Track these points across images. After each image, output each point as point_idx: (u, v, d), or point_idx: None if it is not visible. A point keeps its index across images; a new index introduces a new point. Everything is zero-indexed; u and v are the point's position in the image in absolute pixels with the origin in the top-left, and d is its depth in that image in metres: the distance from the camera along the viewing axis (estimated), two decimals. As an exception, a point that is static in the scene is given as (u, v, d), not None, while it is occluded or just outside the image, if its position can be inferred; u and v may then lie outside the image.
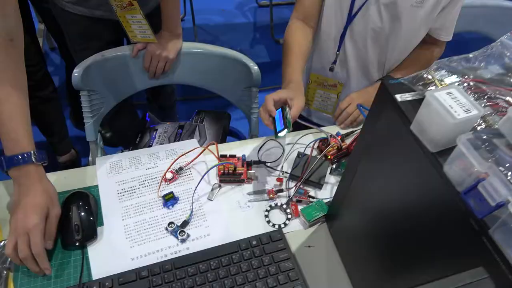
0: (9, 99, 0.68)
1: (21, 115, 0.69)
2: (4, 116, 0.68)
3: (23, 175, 0.68)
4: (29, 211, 0.66)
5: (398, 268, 0.56)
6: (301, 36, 1.00)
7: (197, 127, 1.19)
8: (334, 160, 0.89)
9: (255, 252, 0.72)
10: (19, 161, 0.67)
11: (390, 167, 0.52)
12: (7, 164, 0.68)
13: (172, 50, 1.07)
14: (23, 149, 0.68)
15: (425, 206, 0.46)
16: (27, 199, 0.67)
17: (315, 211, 0.79)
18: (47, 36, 2.33)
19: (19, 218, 0.66)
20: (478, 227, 0.37)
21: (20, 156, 0.67)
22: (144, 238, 0.74)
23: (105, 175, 0.83)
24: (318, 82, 1.14)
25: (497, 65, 0.53)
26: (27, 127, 0.70)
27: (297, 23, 1.01)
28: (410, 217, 0.50)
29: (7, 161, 0.68)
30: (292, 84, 0.89)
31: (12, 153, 0.68)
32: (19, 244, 0.64)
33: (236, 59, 1.10)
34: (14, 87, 0.69)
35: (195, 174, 0.86)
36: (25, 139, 0.69)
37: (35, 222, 0.65)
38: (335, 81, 1.12)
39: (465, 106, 0.39)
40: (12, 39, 0.68)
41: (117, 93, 1.13)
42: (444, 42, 1.03)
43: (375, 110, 0.52)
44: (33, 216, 0.66)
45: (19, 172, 0.68)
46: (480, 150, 0.36)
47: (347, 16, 0.97)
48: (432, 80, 0.46)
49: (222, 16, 2.83)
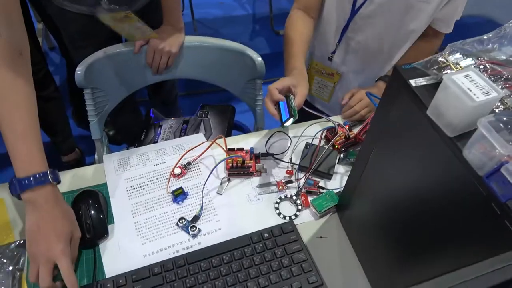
0: (23, 119, 0.64)
1: (35, 135, 0.65)
2: (17, 137, 0.63)
3: (40, 198, 0.63)
4: (53, 239, 0.61)
5: (413, 256, 0.56)
6: (302, 25, 0.99)
7: (202, 122, 1.18)
8: (342, 149, 0.89)
9: (267, 244, 0.71)
10: (35, 182, 0.62)
11: (404, 154, 0.52)
12: (21, 187, 0.62)
13: (175, 44, 1.06)
14: (38, 169, 0.63)
15: (442, 192, 0.45)
16: (48, 225, 0.62)
17: (325, 201, 0.78)
18: (46, 35, 2.32)
19: (42, 247, 0.61)
20: (501, 211, 0.36)
21: (37, 176, 0.62)
22: (155, 234, 0.74)
23: (113, 173, 0.83)
24: (316, 69, 1.14)
25: (510, 46, 0.51)
26: (40, 146, 0.65)
27: (298, 13, 1.00)
28: (426, 204, 0.49)
29: (21, 183, 0.62)
30: (295, 71, 0.88)
31: (26, 174, 0.62)
32: (41, 273, 0.60)
33: (239, 51, 1.08)
34: (27, 106, 0.65)
35: (203, 168, 0.85)
36: (39, 159, 0.64)
37: (62, 250, 0.61)
38: (332, 70, 1.11)
39: (484, 88, 0.38)
40: (21, 52, 0.65)
41: (121, 89, 1.12)
42: (443, 34, 1.01)
43: (388, 96, 0.51)
44: (58, 245, 0.61)
45: (35, 194, 0.62)
46: (502, 132, 0.35)
47: (351, 9, 0.96)
48: (447, 63, 0.45)
49: (220, 9, 2.80)
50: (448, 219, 0.45)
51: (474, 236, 0.42)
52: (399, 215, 0.57)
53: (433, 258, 0.50)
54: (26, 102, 0.65)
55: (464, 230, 0.43)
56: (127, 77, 1.11)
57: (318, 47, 1.10)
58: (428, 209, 0.49)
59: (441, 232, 0.47)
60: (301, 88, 0.82)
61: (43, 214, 0.63)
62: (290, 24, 1.00)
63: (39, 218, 0.62)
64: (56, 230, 0.62)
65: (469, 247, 0.43)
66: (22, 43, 0.66)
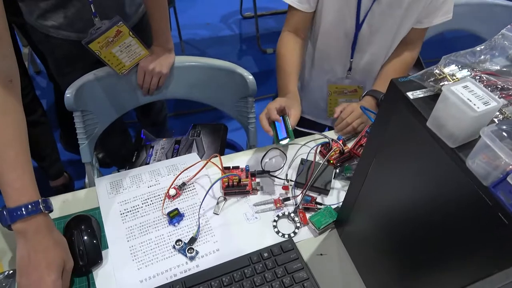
0: (14, 147, 0.62)
1: (26, 162, 0.63)
2: (8, 166, 0.61)
3: (31, 228, 0.61)
4: (44, 270, 0.59)
5: (416, 271, 0.55)
6: (293, 46, 1.03)
7: (194, 141, 1.17)
8: (337, 164, 0.89)
9: (268, 264, 0.70)
10: (27, 212, 0.60)
11: (405, 167, 0.51)
12: (12, 218, 0.60)
13: (165, 64, 1.06)
14: (29, 199, 0.61)
15: (445, 204, 0.45)
16: (39, 256, 0.60)
17: (324, 218, 0.77)
18: (32, 60, 2.30)
19: (34, 279, 0.59)
20: (508, 221, 0.36)
21: (29, 206, 0.60)
22: (151, 258, 0.71)
23: (106, 196, 0.81)
24: (338, 92, 1.15)
25: (502, 58, 0.52)
26: (31, 174, 0.63)
27: (288, 35, 1.03)
28: (429, 217, 0.49)
29: (12, 213, 0.60)
30: (290, 94, 0.94)
31: (17, 204, 0.60)
32: None
33: (229, 70, 1.09)
34: (17, 133, 0.64)
35: (198, 188, 0.83)
36: (31, 187, 0.62)
37: (53, 281, 0.59)
38: (354, 86, 1.13)
39: (483, 98, 0.39)
40: (11, 80, 0.64)
41: (111, 111, 1.11)
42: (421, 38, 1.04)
43: (385, 110, 0.51)
44: (50, 276, 0.59)
45: (26, 225, 0.60)
46: (505, 141, 0.35)
47: (355, 24, 0.98)
48: (443, 75, 0.45)
49: (207, 29, 2.83)
50: (452, 231, 0.45)
51: (480, 247, 0.42)
52: (401, 229, 0.56)
53: (437, 272, 0.49)
54: (17, 130, 0.64)
55: (469, 242, 0.43)
56: (117, 98, 1.10)
57: (332, 72, 1.11)
58: (431, 221, 0.49)
59: (446, 245, 0.47)
60: (294, 110, 0.87)
61: (34, 245, 0.61)
62: (282, 47, 1.03)
63: (30, 249, 0.60)
64: (47, 260, 0.60)
65: (475, 259, 0.42)
66: (12, 71, 0.65)
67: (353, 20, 0.98)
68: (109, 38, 0.97)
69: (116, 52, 1.00)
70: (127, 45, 1.01)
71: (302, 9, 0.98)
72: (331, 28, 1.01)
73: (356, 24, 0.99)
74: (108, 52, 0.99)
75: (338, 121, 0.99)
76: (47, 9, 1.01)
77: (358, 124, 0.96)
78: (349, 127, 0.96)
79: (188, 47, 2.61)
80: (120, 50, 1.01)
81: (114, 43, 0.99)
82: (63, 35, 1.07)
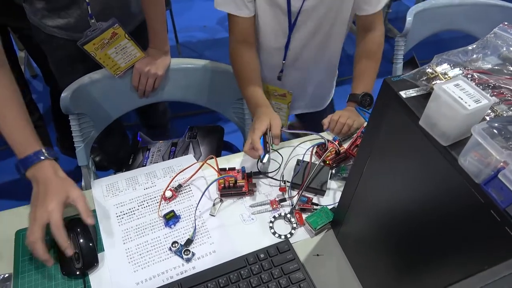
0: (10, 106, 0.73)
1: (25, 120, 0.74)
2: (10, 124, 0.72)
3: (39, 173, 0.71)
4: (47, 198, 0.68)
5: (412, 270, 0.55)
6: (249, 56, 1.00)
7: (191, 143, 1.17)
8: (333, 165, 0.89)
9: (264, 265, 0.70)
10: (33, 160, 0.71)
11: (399, 166, 0.52)
12: (23, 166, 0.71)
13: (161, 66, 1.06)
14: (33, 148, 0.72)
15: (439, 202, 0.45)
16: (44, 189, 0.70)
17: (320, 218, 0.77)
18: (28, 63, 2.30)
19: (38, 205, 0.68)
20: (500, 218, 0.36)
21: (33, 154, 0.71)
22: (147, 260, 0.71)
23: (102, 199, 0.81)
24: (269, 93, 1.15)
25: (494, 56, 0.53)
26: (31, 129, 0.74)
27: (238, 45, 1.00)
28: (423, 215, 0.49)
29: (23, 163, 0.71)
30: (261, 109, 0.91)
31: (24, 155, 0.71)
32: (31, 227, 0.66)
33: (226, 72, 1.09)
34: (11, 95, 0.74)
35: (195, 190, 0.83)
36: (33, 140, 0.73)
37: (53, 206, 0.67)
38: (284, 90, 1.13)
39: (474, 96, 0.39)
40: None
41: (107, 114, 1.11)
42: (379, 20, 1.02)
43: (378, 109, 0.52)
44: (51, 203, 0.68)
45: (34, 170, 0.71)
46: (496, 138, 0.35)
47: (288, 26, 0.98)
48: (435, 74, 0.46)
49: (204, 32, 2.83)
50: (446, 229, 0.45)
51: (474, 245, 0.42)
52: (396, 228, 0.57)
53: (433, 270, 0.49)
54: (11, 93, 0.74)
55: (463, 240, 0.43)
56: (113, 101, 1.10)
57: (265, 70, 1.11)
58: (425, 220, 0.49)
59: (441, 243, 0.47)
60: (273, 121, 0.86)
61: (41, 184, 0.70)
62: (236, 60, 1.00)
63: (39, 187, 0.70)
64: (48, 193, 0.69)
65: (469, 257, 0.43)
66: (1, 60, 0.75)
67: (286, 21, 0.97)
68: (104, 40, 0.97)
69: (111, 54, 1.00)
70: (122, 47, 1.01)
71: (243, 15, 0.95)
72: (267, 29, 1.00)
73: (289, 25, 0.98)
74: (104, 54, 0.99)
75: (332, 125, 0.98)
76: (52, 10, 1.01)
77: (352, 122, 0.95)
78: (344, 126, 0.95)
79: (185, 50, 2.61)
80: (116, 52, 1.01)
81: (109, 45, 0.99)
82: (67, 35, 1.07)
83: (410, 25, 1.24)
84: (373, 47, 1.04)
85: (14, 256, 0.71)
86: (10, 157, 1.68)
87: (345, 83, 1.85)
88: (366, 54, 1.04)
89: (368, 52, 1.04)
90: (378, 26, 1.03)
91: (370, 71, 1.04)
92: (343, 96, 1.09)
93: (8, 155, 1.72)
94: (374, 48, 1.04)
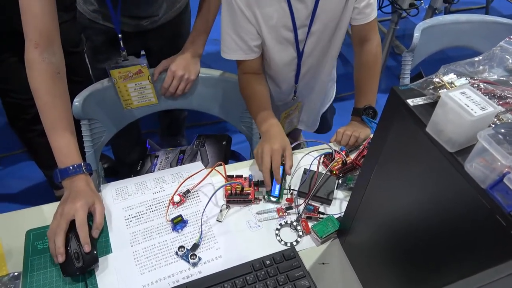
0: (61, 120, 0.79)
1: (71, 134, 0.80)
2: (57, 136, 0.79)
3: (74, 182, 0.77)
4: (77, 198, 0.74)
5: (418, 278, 0.55)
6: (257, 83, 1.00)
7: (199, 151, 1.19)
8: (339, 174, 0.89)
9: (270, 272, 0.70)
10: (71, 172, 0.77)
11: (405, 174, 0.52)
12: (62, 175, 0.77)
13: (193, 71, 1.07)
14: (74, 161, 0.78)
15: (446, 208, 0.46)
16: (75, 194, 0.76)
17: (326, 227, 0.78)
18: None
19: (66, 204, 0.73)
20: (506, 222, 0.37)
21: (72, 167, 0.77)
22: (154, 264, 0.72)
23: (111, 202, 0.82)
24: (285, 116, 1.17)
25: (500, 68, 0.54)
26: (75, 144, 0.81)
27: (247, 76, 1.01)
28: (430, 223, 0.50)
29: (61, 172, 0.77)
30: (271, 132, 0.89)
31: (65, 165, 0.77)
32: (58, 219, 0.71)
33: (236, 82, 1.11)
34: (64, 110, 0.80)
35: (202, 196, 0.84)
36: (75, 153, 0.79)
37: (81, 205, 0.73)
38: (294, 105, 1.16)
39: (480, 104, 0.40)
40: (59, 72, 0.80)
41: (118, 121, 1.13)
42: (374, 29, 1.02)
43: (386, 117, 0.53)
44: (79, 201, 0.73)
45: (71, 181, 0.77)
46: (502, 144, 0.36)
47: (297, 54, 1.00)
48: (442, 83, 0.47)
49: (215, 45, 2.87)
50: (453, 235, 0.46)
51: (480, 250, 0.42)
52: (402, 236, 0.57)
53: (439, 278, 0.50)
54: (64, 109, 0.81)
55: (470, 246, 0.43)
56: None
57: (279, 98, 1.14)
58: (432, 228, 0.49)
59: (447, 250, 0.47)
60: (287, 150, 0.86)
61: (73, 191, 0.76)
62: (245, 88, 1.01)
63: (69, 195, 0.76)
64: (77, 197, 0.75)
65: (476, 263, 0.43)
66: (61, 65, 0.81)
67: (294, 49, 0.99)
68: (129, 73, 1.01)
69: (130, 88, 1.05)
70: (142, 86, 1.05)
71: (250, 58, 0.97)
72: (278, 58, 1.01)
73: (297, 53, 0.99)
74: (124, 85, 1.03)
75: (339, 137, 0.99)
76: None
77: (358, 133, 0.97)
78: (351, 137, 0.97)
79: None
80: (134, 88, 1.05)
81: (132, 79, 1.02)
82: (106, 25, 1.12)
83: (418, 41, 1.26)
84: (371, 58, 1.04)
85: (24, 255, 0.72)
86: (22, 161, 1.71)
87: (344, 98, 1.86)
88: (365, 66, 1.05)
89: (366, 64, 1.05)
90: (373, 35, 1.03)
91: (371, 84, 1.05)
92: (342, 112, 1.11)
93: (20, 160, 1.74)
94: (372, 59, 1.04)
